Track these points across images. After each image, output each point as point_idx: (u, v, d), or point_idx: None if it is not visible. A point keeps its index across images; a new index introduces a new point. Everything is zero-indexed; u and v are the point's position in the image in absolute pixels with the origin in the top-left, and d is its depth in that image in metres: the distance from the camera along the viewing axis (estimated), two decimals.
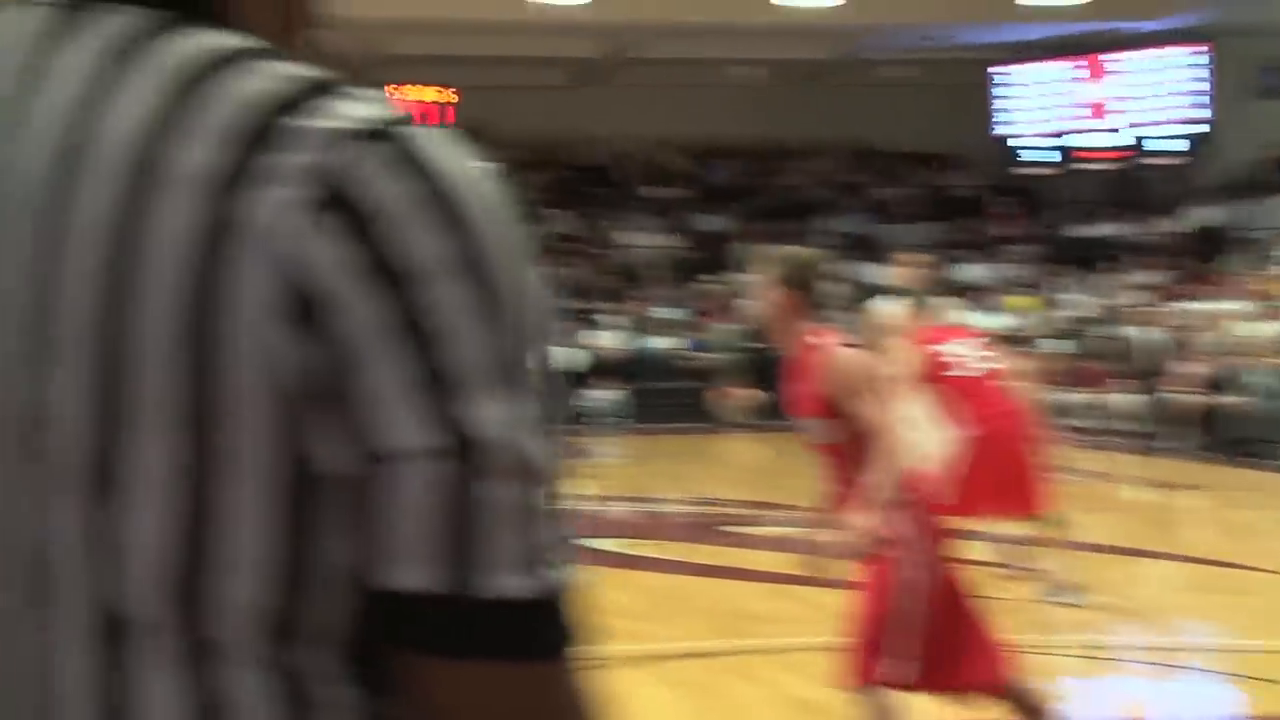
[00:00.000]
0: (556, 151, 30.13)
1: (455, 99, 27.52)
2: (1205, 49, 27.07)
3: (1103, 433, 18.89)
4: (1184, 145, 27.78)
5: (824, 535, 4.81)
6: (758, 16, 25.58)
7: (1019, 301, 24.44)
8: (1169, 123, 27.90)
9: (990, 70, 29.23)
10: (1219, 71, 27.19)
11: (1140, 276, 24.84)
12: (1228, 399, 18.30)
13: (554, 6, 24.04)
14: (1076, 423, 18.70)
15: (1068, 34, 27.48)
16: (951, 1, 25.69)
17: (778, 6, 25.01)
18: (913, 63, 28.75)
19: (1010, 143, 29.74)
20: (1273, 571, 9.54)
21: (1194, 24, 26.53)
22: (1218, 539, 12.02)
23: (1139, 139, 28.56)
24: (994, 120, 29.56)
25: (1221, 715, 6.58)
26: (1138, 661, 7.83)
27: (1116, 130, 28.63)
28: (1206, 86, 27.31)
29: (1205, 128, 27.19)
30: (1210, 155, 26.86)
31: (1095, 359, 21.52)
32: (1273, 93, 27.33)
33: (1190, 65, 27.58)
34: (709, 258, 26.57)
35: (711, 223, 28.33)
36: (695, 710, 6.44)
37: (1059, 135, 29.38)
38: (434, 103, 26.95)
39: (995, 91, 29.43)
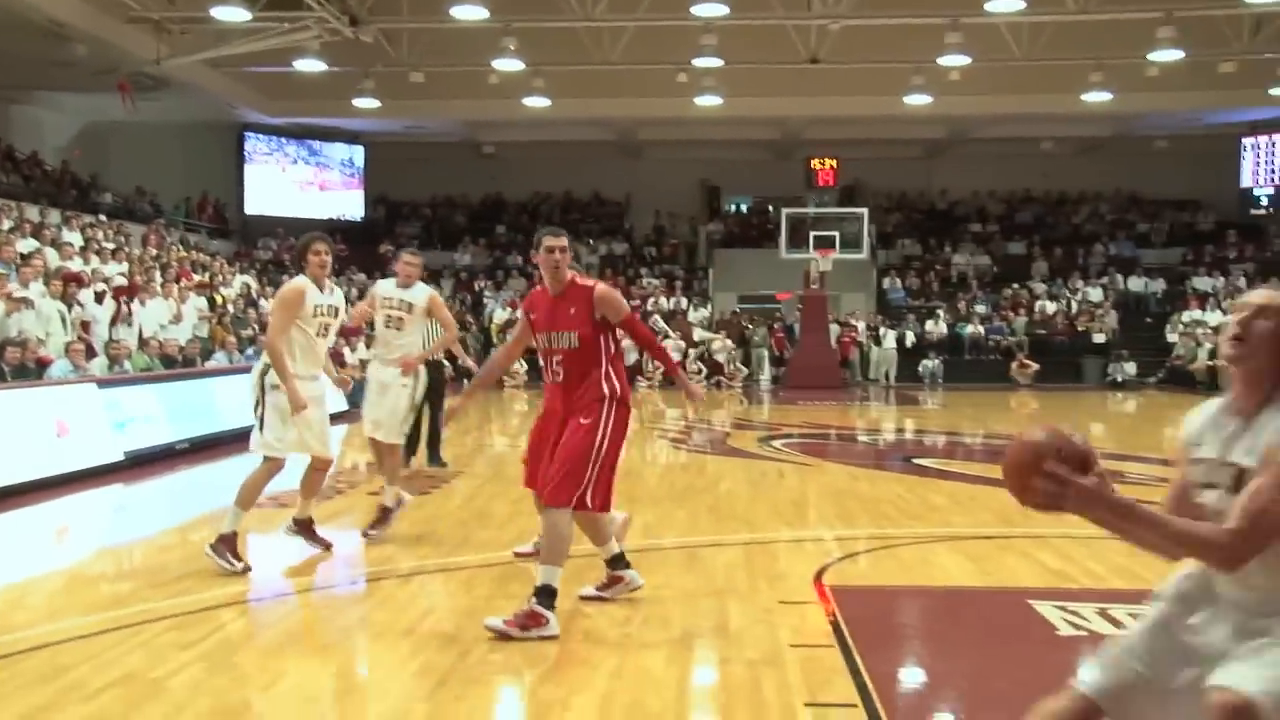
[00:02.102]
0: (913, 200, 39.01)
1: (836, 165, 36.48)
2: None
3: None
4: None
5: None
6: (1061, 107, 31.93)
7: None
8: None
9: (1243, 140, 35.68)
10: None
11: None
12: None
13: (912, 105, 30.72)
14: None
15: None
16: (1208, 93, 30.88)
17: (1077, 99, 30.51)
18: (1177, 136, 35.20)
19: (1250, 193, 36.14)
20: None
21: None
22: None
23: None
24: (1240, 174, 36.14)
25: None
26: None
27: None
28: None
29: None
30: None
31: None
32: None
33: None
34: (1013, 273, 35.47)
35: (1017, 248, 36.96)
36: (982, 573, 7.91)
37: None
38: (827, 168, 36.51)
39: (1243, 155, 35.90)
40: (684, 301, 34.64)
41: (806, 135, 35.90)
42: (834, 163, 36.95)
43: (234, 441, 14.53)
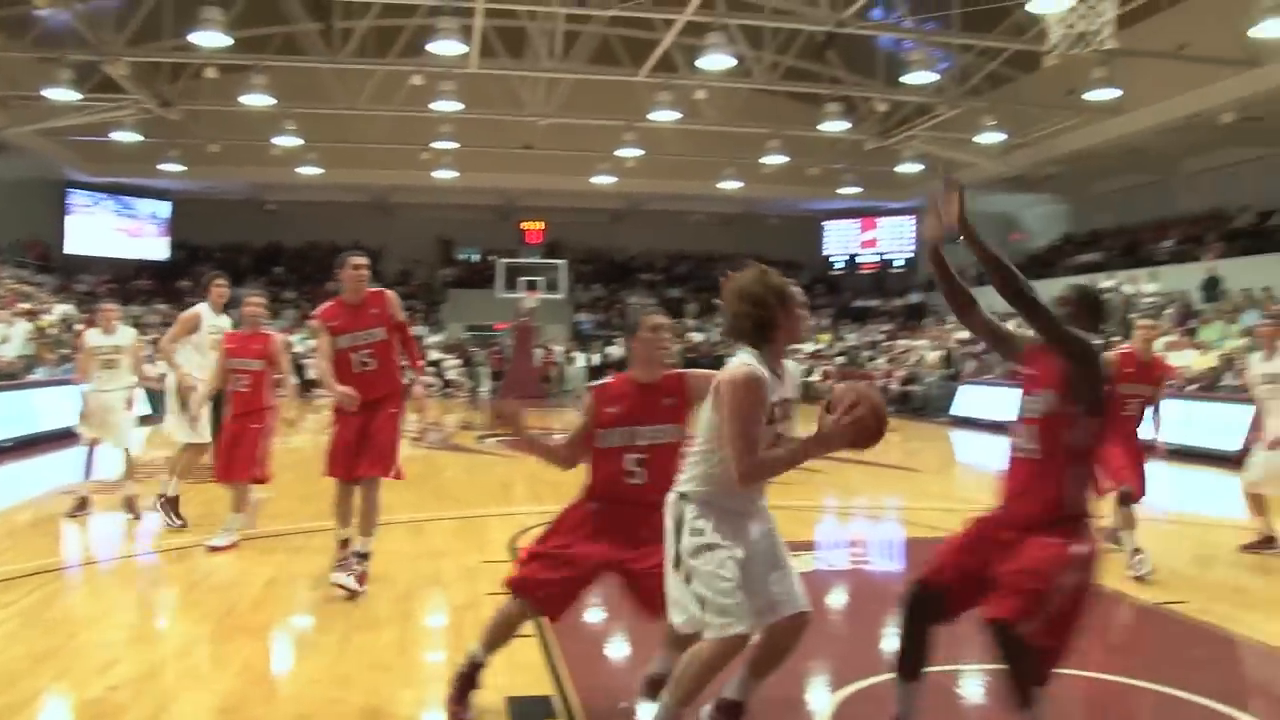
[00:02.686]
0: (601, 255, 39.12)
1: (542, 227, 36.99)
2: (914, 217, 34.79)
3: None
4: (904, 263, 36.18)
5: None
6: (705, 190, 32.35)
7: (821, 336, 33.11)
8: (899, 253, 36.39)
9: (824, 222, 37.60)
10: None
11: (884, 327, 33.60)
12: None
13: (599, 183, 31.26)
14: None
15: (856, 206, 35.50)
16: (802, 188, 32.64)
17: (715, 185, 31.36)
18: (784, 216, 37.06)
19: (829, 258, 38.01)
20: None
21: (910, 205, 33.92)
22: None
23: (883, 258, 37.02)
24: (823, 245, 38.03)
25: None
26: None
27: (875, 253, 36.90)
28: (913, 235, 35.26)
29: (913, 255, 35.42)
30: (916, 268, 35.37)
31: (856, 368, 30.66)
32: (946, 241, 36.19)
33: (908, 224, 35.62)
34: (672, 311, 36.15)
35: (675, 293, 37.33)
36: None
37: (848, 255, 37.78)
38: (534, 229, 36.99)
39: (825, 232, 37.88)
40: (423, 329, 34.14)
41: (522, 202, 36.12)
42: (542, 224, 37.34)
43: (51, 440, 14.02)
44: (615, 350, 33.01)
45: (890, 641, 4.26)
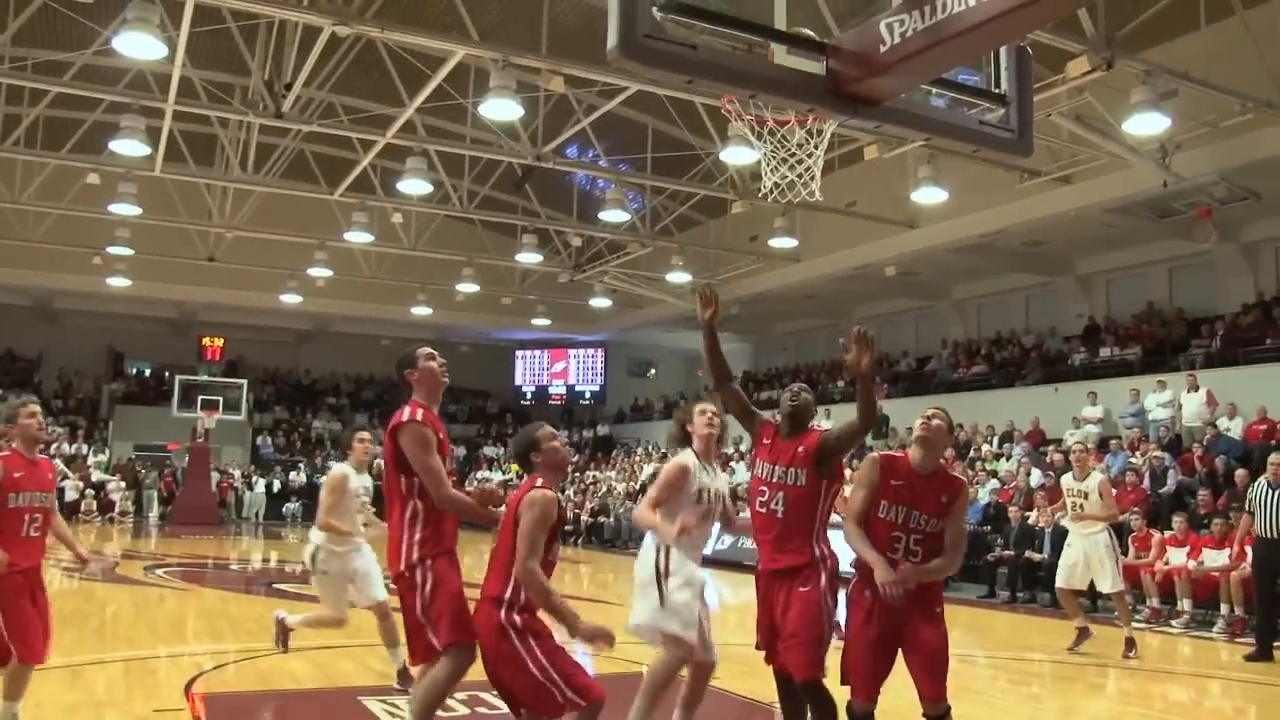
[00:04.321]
0: (284, 375, 37.56)
1: (223, 344, 35.15)
2: (602, 350, 36.02)
3: None
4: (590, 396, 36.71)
5: None
6: (397, 315, 31.73)
7: (513, 468, 32.46)
8: (588, 384, 36.82)
9: (517, 352, 37.58)
10: (609, 361, 35.88)
11: (572, 459, 33.98)
12: None
13: (287, 301, 29.91)
14: None
15: (548, 338, 35.96)
16: (495, 316, 32.80)
17: (407, 310, 30.81)
18: (476, 344, 36.57)
19: (521, 388, 38.04)
20: None
21: (600, 339, 35.49)
22: None
23: (573, 390, 37.39)
24: (514, 376, 37.93)
25: None
26: None
27: (564, 385, 37.28)
28: (602, 368, 36.26)
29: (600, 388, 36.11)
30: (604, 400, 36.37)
31: None
32: (632, 374, 36.09)
33: (598, 357, 36.49)
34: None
35: (362, 418, 35.30)
36: (324, 676, 7.40)
37: (541, 387, 38.00)
38: (215, 345, 35.00)
39: (517, 363, 37.88)
40: (85, 448, 31.26)
41: (201, 316, 34.00)
42: (222, 341, 35.57)
43: None
44: (298, 476, 31.53)
45: None
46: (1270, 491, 10.33)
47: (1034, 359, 23.18)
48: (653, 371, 38.54)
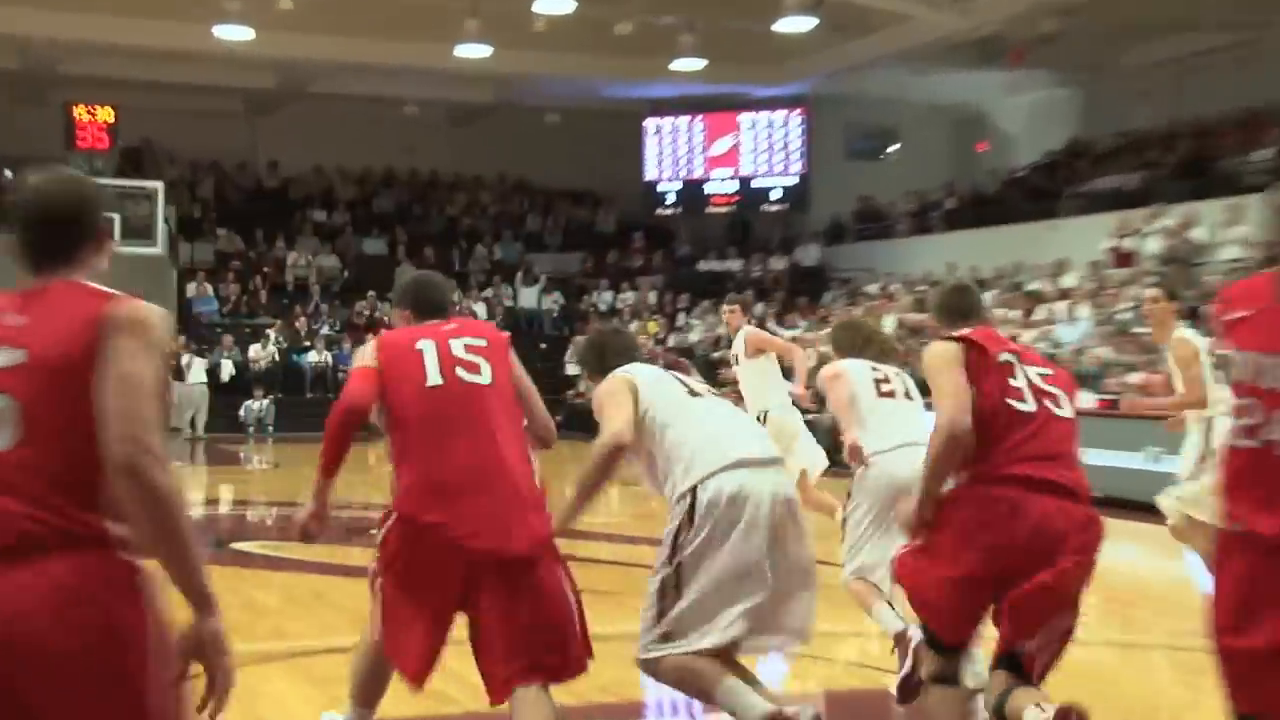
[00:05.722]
0: (231, 174, 26.47)
1: (113, 118, 22.94)
2: (801, 113, 25.45)
3: None
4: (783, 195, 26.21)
5: None
6: (429, 60, 22.50)
7: (649, 326, 23.11)
8: (773, 175, 26.19)
9: (645, 122, 26.58)
10: (814, 133, 25.94)
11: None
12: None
13: (226, 38, 19.99)
14: None
15: (700, 94, 25.31)
16: (594, 58, 23.21)
17: (449, 51, 21.46)
18: (571, 111, 25.82)
19: (655, 187, 27.23)
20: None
21: (795, 92, 25.11)
22: None
23: (748, 186, 26.64)
24: (643, 166, 26.90)
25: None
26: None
27: (735, 179, 26.60)
28: (802, 145, 25.69)
29: (800, 180, 25.76)
30: (806, 205, 25.62)
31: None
32: (859, 154, 26.90)
33: (792, 126, 25.97)
34: (371, 279, 23.92)
35: (375, 246, 25.27)
36: (334, 702, 5.23)
37: (692, 182, 27.14)
38: (99, 121, 22.54)
39: (646, 141, 26.79)
40: None
41: (65, 70, 22.59)
42: (110, 113, 22.67)
43: None
44: (262, 350, 23.24)
45: None
46: None
47: None
48: (894, 148, 27.76)
